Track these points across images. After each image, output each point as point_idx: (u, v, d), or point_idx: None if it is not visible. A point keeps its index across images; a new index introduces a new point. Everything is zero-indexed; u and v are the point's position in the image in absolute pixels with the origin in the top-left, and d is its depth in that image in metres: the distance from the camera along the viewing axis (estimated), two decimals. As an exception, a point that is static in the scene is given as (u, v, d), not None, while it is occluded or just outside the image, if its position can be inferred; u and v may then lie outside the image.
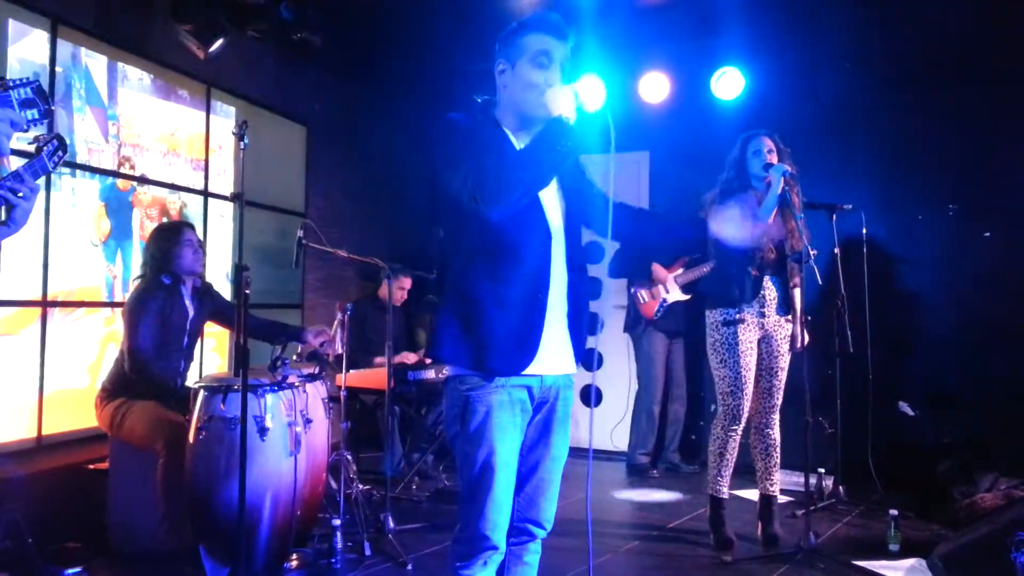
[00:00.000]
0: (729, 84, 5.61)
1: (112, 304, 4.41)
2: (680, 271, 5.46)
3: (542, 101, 2.05)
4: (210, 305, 3.89)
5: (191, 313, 3.77)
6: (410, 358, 5.06)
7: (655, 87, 5.87)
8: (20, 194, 2.07)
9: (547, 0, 5.23)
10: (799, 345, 3.84)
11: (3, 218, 2.10)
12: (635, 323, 5.63)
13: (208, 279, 4.08)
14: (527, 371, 2.07)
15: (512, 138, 2.15)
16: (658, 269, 5.47)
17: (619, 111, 6.36)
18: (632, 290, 5.58)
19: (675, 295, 5.47)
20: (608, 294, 6.18)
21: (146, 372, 3.52)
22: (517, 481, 2.16)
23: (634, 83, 5.91)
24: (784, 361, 3.87)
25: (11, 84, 2.01)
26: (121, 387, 3.60)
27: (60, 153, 2.22)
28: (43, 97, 2.06)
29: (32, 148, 2.18)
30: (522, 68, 2.11)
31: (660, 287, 5.47)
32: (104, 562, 3.43)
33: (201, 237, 3.93)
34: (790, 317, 3.84)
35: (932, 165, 5.23)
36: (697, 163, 5.25)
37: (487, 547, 2.08)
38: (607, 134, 2.06)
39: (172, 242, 3.70)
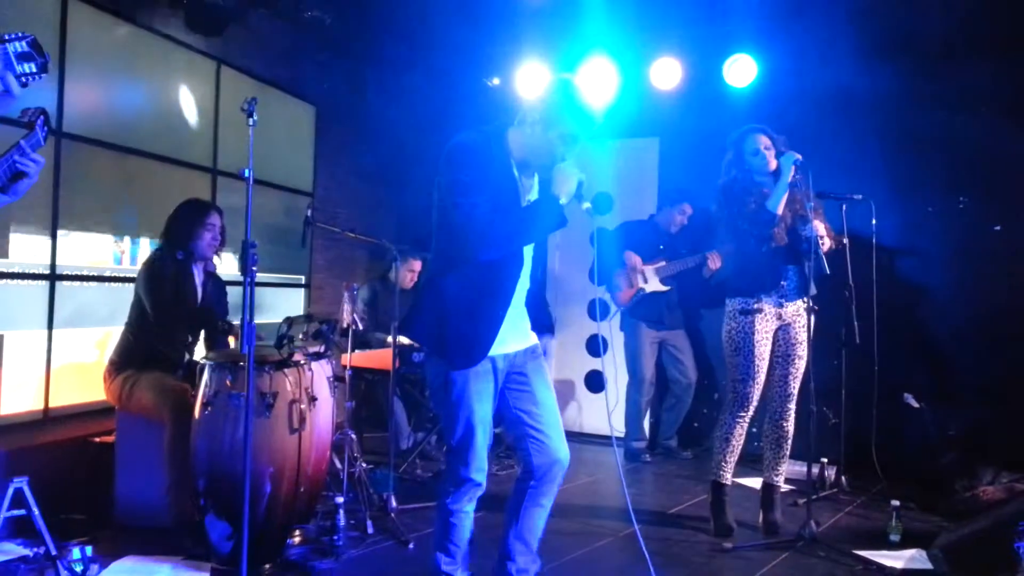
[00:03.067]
0: (741, 71, 5.56)
1: (120, 279, 4.43)
2: (662, 263, 5.43)
3: (551, 168, 2.51)
4: (216, 293, 3.91)
5: (199, 293, 3.79)
6: None
7: (667, 73, 5.82)
8: (30, 166, 2.15)
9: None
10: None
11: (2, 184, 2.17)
12: (621, 312, 5.64)
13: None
14: (491, 354, 2.57)
15: (516, 175, 2.58)
16: (630, 255, 5.44)
17: (630, 97, 6.31)
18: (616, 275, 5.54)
19: (653, 285, 5.46)
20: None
21: (157, 336, 3.56)
22: (526, 430, 2.66)
23: (646, 68, 5.86)
24: (802, 349, 3.84)
25: (7, 37, 2.00)
26: (128, 359, 3.63)
27: (47, 127, 2.25)
28: (39, 50, 2.05)
29: (24, 122, 2.22)
30: (550, 135, 2.51)
31: (639, 276, 5.45)
32: (108, 534, 3.46)
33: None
34: (807, 300, 3.79)
35: (943, 157, 5.19)
36: (707, 151, 5.22)
37: (472, 486, 2.62)
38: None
39: (195, 222, 3.73)
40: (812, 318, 3.77)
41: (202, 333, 3.89)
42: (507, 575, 2.72)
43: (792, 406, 3.90)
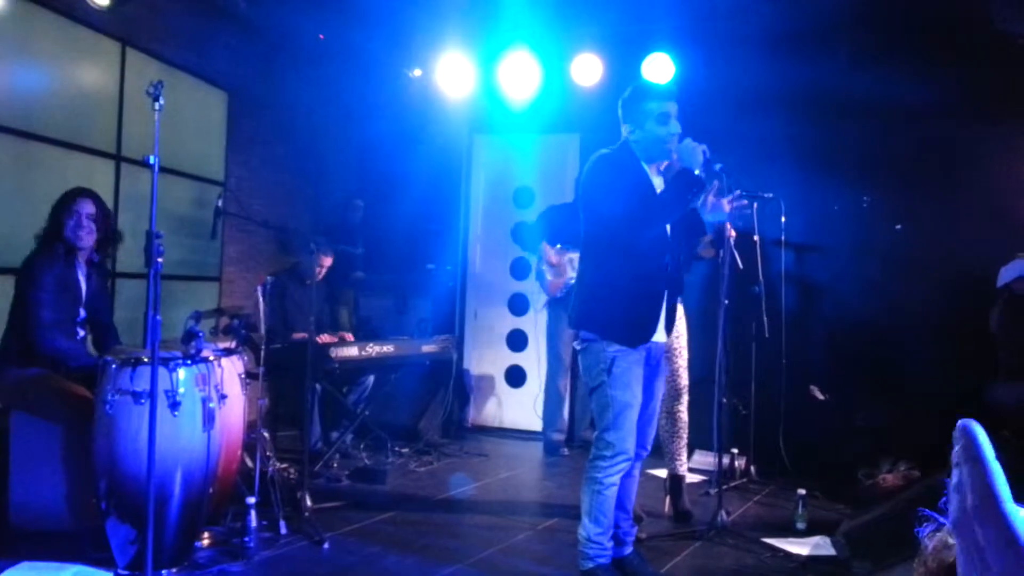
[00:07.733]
0: (659, 69, 5.63)
1: (11, 271, 4.18)
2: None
3: (669, 150, 2.91)
4: (100, 287, 3.69)
5: (83, 288, 3.57)
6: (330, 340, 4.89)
7: (587, 69, 5.85)
8: None
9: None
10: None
11: None
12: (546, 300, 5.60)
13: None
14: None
15: (649, 174, 2.99)
16: (547, 249, 5.36)
17: (552, 92, 6.30)
18: (539, 265, 5.48)
19: None
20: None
21: (49, 341, 3.35)
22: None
23: (567, 64, 5.88)
24: (684, 340, 4.00)
25: None
26: (17, 358, 3.41)
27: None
28: None
29: None
30: (649, 127, 2.91)
31: (567, 265, 5.41)
32: (2, 540, 3.26)
33: (110, 205, 3.66)
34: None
35: (850, 158, 5.40)
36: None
37: (627, 458, 2.98)
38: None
39: (60, 210, 3.46)
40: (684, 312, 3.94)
41: (89, 330, 3.67)
42: (618, 539, 3.13)
43: (685, 397, 4.02)
